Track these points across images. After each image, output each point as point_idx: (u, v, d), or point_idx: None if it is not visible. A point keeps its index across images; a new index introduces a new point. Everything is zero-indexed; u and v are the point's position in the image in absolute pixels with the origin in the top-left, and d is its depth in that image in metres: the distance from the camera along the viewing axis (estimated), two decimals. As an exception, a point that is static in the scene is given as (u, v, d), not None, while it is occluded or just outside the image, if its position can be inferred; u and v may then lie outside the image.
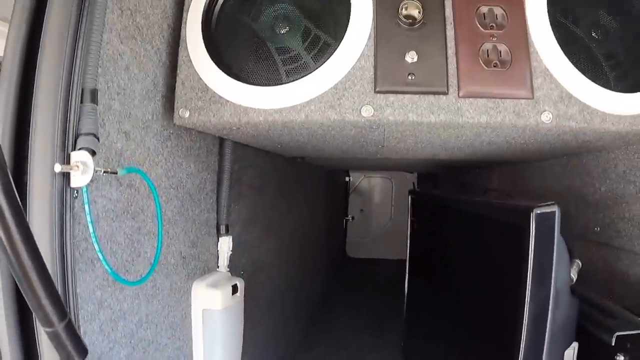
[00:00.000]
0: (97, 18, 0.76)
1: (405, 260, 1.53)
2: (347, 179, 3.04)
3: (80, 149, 0.73)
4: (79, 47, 0.74)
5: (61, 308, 0.61)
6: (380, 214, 3.04)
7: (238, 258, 1.26)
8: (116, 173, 0.79)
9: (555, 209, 0.71)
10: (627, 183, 1.08)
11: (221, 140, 1.16)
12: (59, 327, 0.61)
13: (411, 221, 1.45)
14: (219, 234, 1.15)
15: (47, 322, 0.60)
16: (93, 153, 0.73)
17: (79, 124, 0.74)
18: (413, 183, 2.82)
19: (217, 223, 1.15)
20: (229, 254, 1.15)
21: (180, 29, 0.94)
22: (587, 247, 1.21)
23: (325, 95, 0.85)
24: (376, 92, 0.84)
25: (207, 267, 1.11)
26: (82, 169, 0.72)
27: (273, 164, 1.57)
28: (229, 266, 1.16)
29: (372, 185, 3.09)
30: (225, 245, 1.14)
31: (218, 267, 1.14)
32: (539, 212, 0.71)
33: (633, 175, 1.06)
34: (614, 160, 1.12)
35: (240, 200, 1.29)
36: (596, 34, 0.93)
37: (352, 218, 3.06)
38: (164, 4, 0.95)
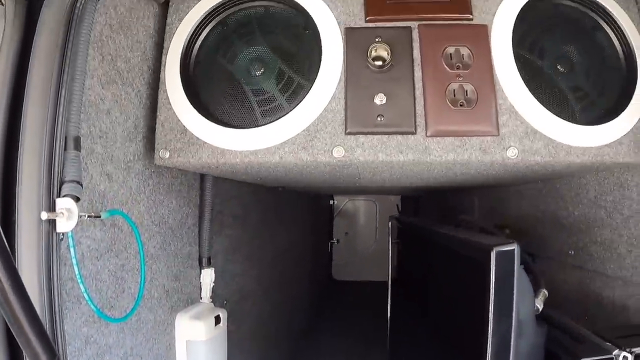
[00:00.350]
0: (79, 67, 0.86)
1: (389, 281, 1.63)
2: (331, 202, 3.16)
3: (64, 195, 0.82)
4: (62, 96, 0.83)
5: (50, 347, 0.70)
6: (365, 237, 3.16)
7: (221, 288, 1.35)
8: (99, 217, 0.88)
9: (514, 247, 0.81)
10: (598, 208, 1.17)
11: (202, 176, 1.26)
12: (48, 365, 0.71)
13: (391, 246, 1.55)
14: (201, 267, 1.25)
15: (37, 362, 0.70)
16: (77, 199, 0.82)
17: (63, 170, 0.83)
18: (397, 205, 2.92)
19: (200, 256, 1.25)
20: (211, 286, 1.25)
21: (160, 70, 1.04)
22: (562, 269, 1.31)
23: (298, 137, 0.94)
24: (347, 133, 0.94)
25: (191, 299, 1.21)
26: (67, 215, 0.81)
27: (254, 194, 1.67)
28: (211, 297, 1.26)
29: (356, 208, 3.21)
30: (208, 277, 1.24)
31: (201, 298, 1.24)
32: (498, 250, 0.81)
33: (603, 201, 1.16)
34: (585, 186, 1.22)
35: (222, 232, 1.39)
36: (562, 67, 1.02)
37: (337, 241, 3.17)
38: (144, 46, 1.04)
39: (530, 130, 0.96)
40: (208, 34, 1.05)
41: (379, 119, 0.94)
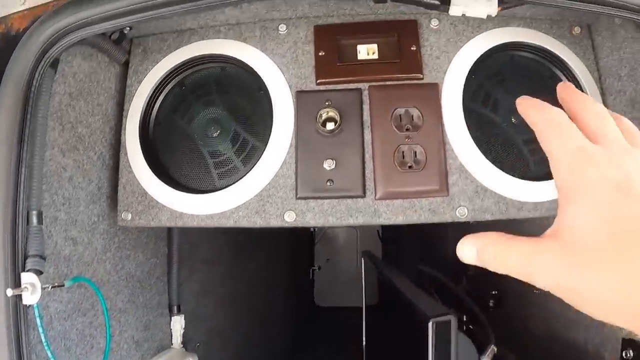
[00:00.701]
0: (38, 143, 0.94)
1: (372, 306, 1.72)
2: (311, 229, 3.24)
3: (28, 270, 0.92)
4: (22, 174, 0.92)
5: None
6: (347, 262, 3.24)
7: (193, 331, 1.46)
8: (63, 285, 0.99)
9: (450, 318, 0.89)
10: None
11: (169, 227, 1.36)
12: None
13: (364, 280, 1.64)
14: (171, 314, 1.35)
15: None
16: (40, 273, 0.92)
17: (26, 245, 0.93)
18: (377, 231, 3.01)
19: (169, 303, 1.36)
20: (181, 332, 1.35)
21: (122, 130, 1.13)
22: (529, 308, 1.39)
23: (251, 201, 1.03)
24: (297, 198, 1.02)
25: (162, 346, 1.32)
26: (31, 289, 0.91)
27: (226, 234, 1.77)
28: (183, 342, 1.36)
29: (337, 235, 3.29)
30: (178, 324, 1.34)
31: (172, 344, 1.35)
32: (435, 321, 0.89)
33: None
34: (547, 227, 1.28)
35: (192, 277, 1.49)
36: (516, 119, 1.08)
37: (319, 268, 3.27)
38: (105, 108, 1.13)
39: (481, 188, 1.02)
40: (167, 95, 1.13)
41: (328, 183, 1.01)
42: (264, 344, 2.22)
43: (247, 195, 1.03)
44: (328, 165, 1.01)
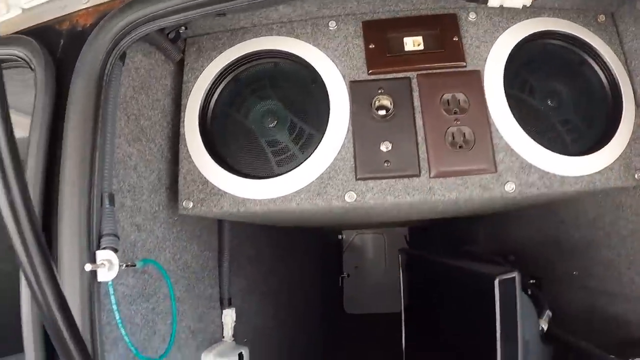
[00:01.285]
0: (110, 130, 1.03)
1: (406, 307, 1.79)
2: (340, 237, 3.34)
3: (104, 248, 0.99)
4: (96, 158, 1.00)
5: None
6: (375, 270, 3.33)
7: (241, 326, 1.52)
8: (135, 265, 1.05)
9: (515, 274, 0.98)
10: (596, 229, 1.35)
11: (219, 222, 1.44)
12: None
13: (402, 278, 1.71)
14: (222, 307, 1.42)
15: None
16: (115, 251, 0.99)
17: (100, 225, 1.00)
18: (405, 237, 3.11)
19: (220, 297, 1.42)
20: (232, 325, 1.42)
21: (179, 124, 1.22)
22: (568, 290, 1.48)
23: (312, 184, 1.12)
24: (357, 179, 1.12)
25: (214, 338, 1.37)
26: (108, 266, 0.98)
27: (267, 235, 1.85)
28: (233, 335, 1.42)
29: (364, 242, 3.40)
30: (229, 317, 1.41)
31: (223, 337, 1.41)
32: (501, 278, 0.98)
33: (601, 222, 1.33)
34: (584, 208, 1.40)
35: (240, 272, 1.56)
36: (552, 102, 1.21)
37: (348, 275, 3.35)
38: (162, 104, 1.23)
39: (526, 165, 1.13)
40: (222, 90, 1.23)
41: (385, 164, 1.11)
42: (301, 346, 2.25)
43: (309, 179, 1.12)
44: (385, 147, 1.11)
